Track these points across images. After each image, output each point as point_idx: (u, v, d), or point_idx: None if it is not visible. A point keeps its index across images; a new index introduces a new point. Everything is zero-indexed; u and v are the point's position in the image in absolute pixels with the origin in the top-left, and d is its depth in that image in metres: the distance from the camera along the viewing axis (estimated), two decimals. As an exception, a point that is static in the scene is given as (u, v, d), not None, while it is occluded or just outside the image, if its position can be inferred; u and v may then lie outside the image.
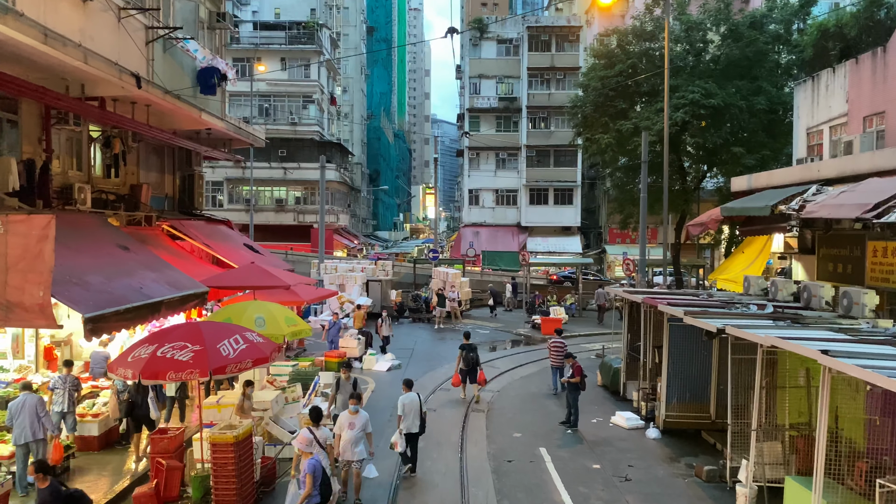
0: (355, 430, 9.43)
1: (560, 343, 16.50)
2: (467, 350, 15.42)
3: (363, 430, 9.53)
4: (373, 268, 30.62)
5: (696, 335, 13.41)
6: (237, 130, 19.09)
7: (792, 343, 8.64)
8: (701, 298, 14.87)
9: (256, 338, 9.88)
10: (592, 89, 29.09)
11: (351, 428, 9.43)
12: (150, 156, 18.68)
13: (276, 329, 11.61)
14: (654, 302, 13.63)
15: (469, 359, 15.35)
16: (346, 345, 19.65)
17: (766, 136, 27.45)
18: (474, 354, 15.42)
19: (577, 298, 31.01)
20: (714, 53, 28.71)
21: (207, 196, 47.53)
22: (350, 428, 9.43)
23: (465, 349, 15.47)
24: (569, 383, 13.58)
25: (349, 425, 9.45)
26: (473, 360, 15.36)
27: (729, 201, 29.25)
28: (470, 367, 15.37)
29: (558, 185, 48.96)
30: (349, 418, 9.51)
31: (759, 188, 19.51)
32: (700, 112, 26.24)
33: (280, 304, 13.27)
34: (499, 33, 49.73)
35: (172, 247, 17.02)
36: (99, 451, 11.47)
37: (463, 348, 15.53)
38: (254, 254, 20.07)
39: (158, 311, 11.41)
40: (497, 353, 22.01)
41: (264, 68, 39.66)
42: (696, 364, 13.53)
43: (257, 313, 11.75)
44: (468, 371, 15.41)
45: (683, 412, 13.47)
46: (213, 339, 9.20)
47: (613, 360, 17.24)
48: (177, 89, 14.56)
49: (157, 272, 12.75)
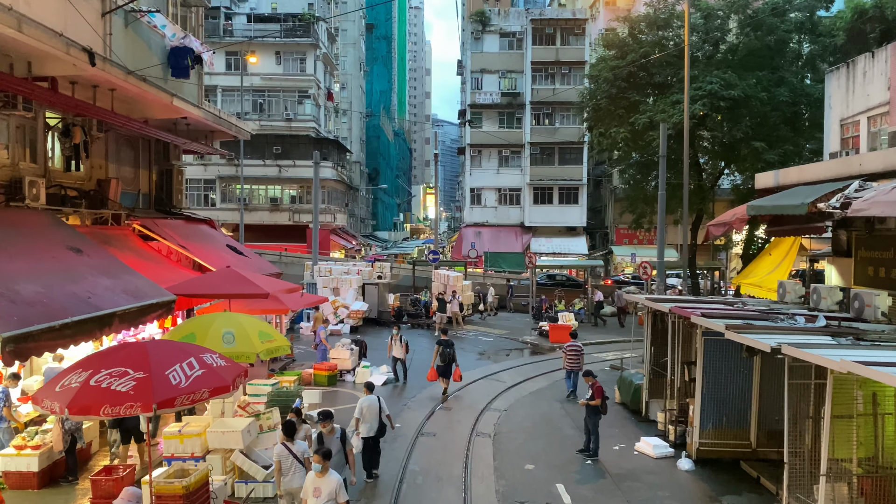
0: (321, 500, 7.22)
1: (577, 347, 16.10)
2: (444, 346, 15.50)
3: (331, 499, 7.21)
4: (370, 270, 28.90)
5: (733, 351, 11.69)
6: (217, 120, 17.37)
7: (881, 372, 6.91)
8: (736, 308, 13.16)
9: (218, 360, 8.15)
10: (604, 80, 27.39)
11: (316, 496, 7.23)
12: (123, 148, 16.95)
13: (248, 346, 9.89)
14: (685, 312, 11.91)
15: (445, 354, 15.47)
16: (338, 356, 17.92)
17: (788, 130, 25.76)
18: (450, 350, 15.52)
19: (585, 303, 29.27)
20: (732, 42, 27.03)
21: (199, 195, 45.93)
22: (315, 496, 7.24)
23: (441, 345, 15.55)
24: (588, 406, 11.85)
25: (314, 492, 7.26)
26: (449, 355, 15.49)
27: (747, 200, 27.69)
28: (446, 363, 15.48)
29: (563, 184, 47.23)
30: (315, 482, 7.29)
31: (787, 185, 17.76)
32: (719, 104, 24.56)
33: (255, 316, 11.56)
34: (501, 26, 47.99)
35: (143, 249, 15.30)
36: (39, 489, 9.74)
37: (440, 343, 15.60)
38: (237, 256, 18.36)
39: (110, 325, 9.69)
40: (501, 365, 20.27)
41: (256, 59, 37.89)
42: (733, 384, 11.81)
43: (226, 328, 10.02)
44: (445, 367, 15.51)
45: (720, 439, 11.74)
46: (161, 364, 7.48)
47: (634, 375, 15.50)
48: (142, 69, 12.84)
49: (114, 278, 11.03)
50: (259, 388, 12.37)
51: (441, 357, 15.43)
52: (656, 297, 15.73)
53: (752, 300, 15.49)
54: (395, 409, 14.65)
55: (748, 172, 28.18)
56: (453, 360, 15.50)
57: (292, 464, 8.25)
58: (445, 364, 15.45)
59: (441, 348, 15.44)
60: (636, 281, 36.13)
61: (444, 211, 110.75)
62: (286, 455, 8.28)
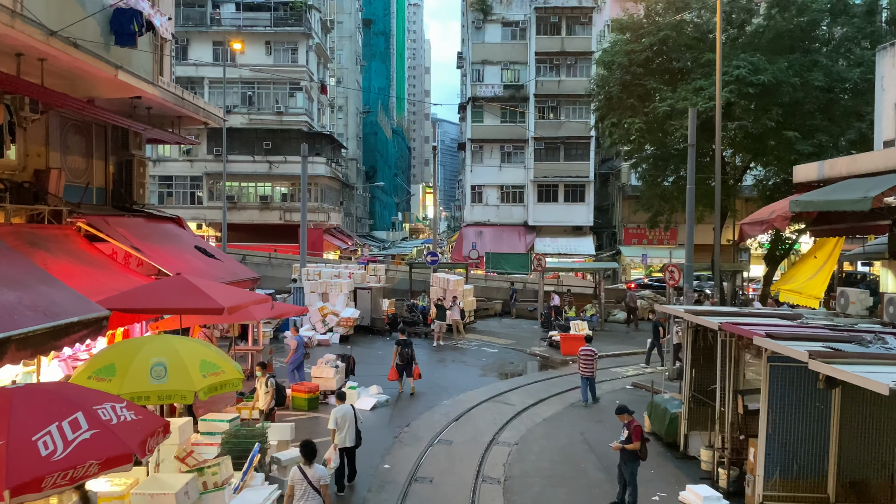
0: None
1: (589, 352, 15.79)
2: (403, 346, 15.97)
3: None
4: (362, 273, 26.49)
5: (804, 380, 9.38)
6: (179, 102, 14.96)
7: None
8: (800, 323, 10.79)
9: (122, 413, 5.77)
10: (618, 66, 25.03)
11: None
12: (69, 134, 14.57)
13: (184, 382, 7.49)
14: (745, 332, 9.54)
15: (405, 354, 15.94)
16: (320, 374, 15.53)
17: (823, 118, 23.40)
18: (409, 350, 16.04)
19: (598, 308, 26.89)
20: (759, 24, 24.71)
21: (185, 193, 43.62)
22: None
23: (401, 345, 16.00)
24: (623, 451, 9.46)
25: None
26: (409, 355, 15.97)
27: (772, 197, 25.33)
28: (406, 362, 15.90)
29: (569, 181, 44.82)
30: None
31: (835, 178, 15.38)
32: (747, 90, 22.20)
33: (199, 340, 9.18)
34: (504, 15, 45.60)
35: (86, 252, 12.89)
36: None
37: (399, 343, 16.06)
38: (206, 259, 15.98)
39: (2, 354, 7.35)
40: (508, 383, 17.88)
41: (241, 45, 35.41)
42: (806, 422, 9.43)
43: (157, 356, 7.62)
44: (404, 366, 15.91)
45: (789, 491, 9.35)
46: (27, 425, 5.12)
47: (668, 401, 13.10)
48: (65, 29, 10.45)
49: (21, 290, 8.61)
50: (214, 425, 9.98)
51: (400, 357, 15.91)
52: (698, 308, 13.33)
53: (808, 312, 13.12)
54: (385, 444, 12.28)
55: (774, 166, 25.87)
56: (413, 360, 15.96)
57: (306, 490, 7.55)
58: (405, 363, 15.89)
59: (400, 348, 15.93)
60: (656, 284, 33.79)
61: (443, 210, 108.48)
62: (300, 479, 7.58)
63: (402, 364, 15.89)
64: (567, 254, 43.23)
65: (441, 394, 16.26)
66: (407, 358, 15.91)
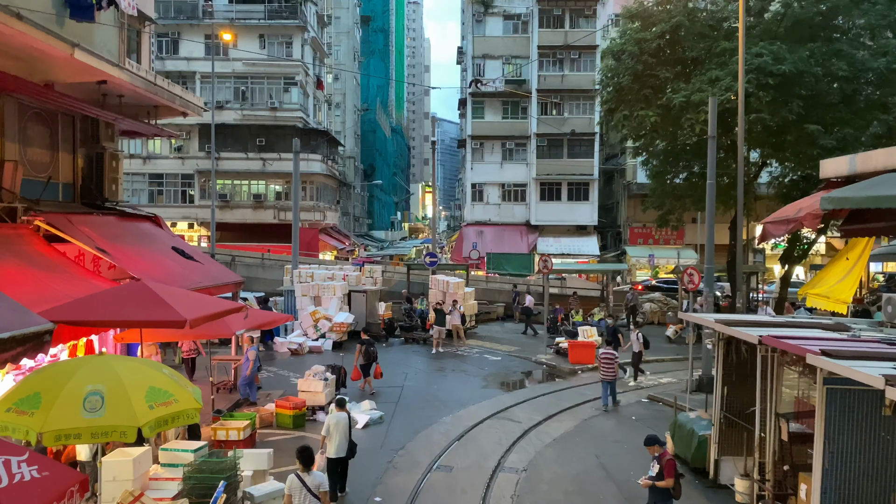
0: None
1: (609, 354, 15.25)
2: (367, 345, 16.29)
3: None
4: (357, 275, 25.10)
5: (866, 404, 8.03)
6: (152, 88, 13.59)
7: None
8: (852, 336, 9.40)
9: (22, 470, 4.39)
10: (629, 55, 23.63)
11: None
12: (30, 124, 13.23)
13: (124, 416, 6.09)
14: (796, 348, 8.15)
15: (369, 353, 16.18)
16: (307, 388, 14.14)
17: (847, 111, 22.00)
18: (374, 349, 16.41)
19: (606, 312, 25.50)
20: (777, 11, 23.32)
21: (176, 191, 42.24)
22: None
23: (364, 344, 16.32)
24: (653, 489, 8.08)
25: None
26: (373, 354, 16.26)
27: (790, 194, 23.92)
28: (368, 362, 16.13)
29: (572, 179, 43.46)
30: None
31: (869, 172, 13.97)
32: (767, 81, 20.80)
33: (151, 361, 7.80)
34: (505, 8, 44.19)
35: (42, 254, 11.54)
36: None
37: (362, 343, 16.38)
38: (182, 261, 14.61)
39: None
40: (513, 396, 16.48)
41: (231, 36, 33.94)
42: (868, 454, 8.06)
43: (93, 383, 6.23)
44: (366, 365, 16.15)
45: (849, 535, 8.00)
46: None
47: (695, 421, 11.71)
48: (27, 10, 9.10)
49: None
50: (177, 456, 8.60)
51: (364, 356, 16.14)
52: (733, 318, 11.90)
53: (852, 321, 11.74)
54: (377, 470, 10.91)
55: (791, 162, 24.46)
56: (375, 360, 16.22)
57: (304, 498, 7.25)
58: (367, 363, 16.11)
59: (364, 347, 16.23)
60: (664, 286, 32.44)
61: (443, 209, 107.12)
62: (298, 487, 7.28)
63: (366, 363, 16.16)
64: (570, 254, 41.87)
65: (440, 408, 14.87)
66: (371, 357, 16.20)
